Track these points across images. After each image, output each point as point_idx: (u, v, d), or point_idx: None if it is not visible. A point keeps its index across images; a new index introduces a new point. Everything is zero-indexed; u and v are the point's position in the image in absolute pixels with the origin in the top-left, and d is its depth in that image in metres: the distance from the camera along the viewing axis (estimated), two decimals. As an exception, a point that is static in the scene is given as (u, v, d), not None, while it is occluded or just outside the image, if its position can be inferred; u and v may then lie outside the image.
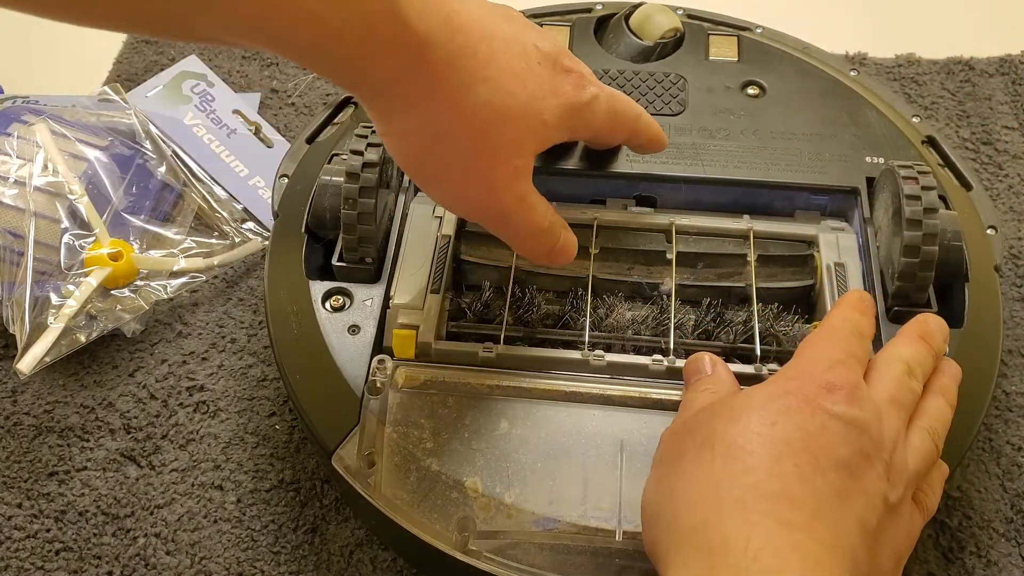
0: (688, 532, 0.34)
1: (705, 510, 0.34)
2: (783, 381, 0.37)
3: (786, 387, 0.36)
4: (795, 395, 0.35)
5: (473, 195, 0.41)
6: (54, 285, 0.55)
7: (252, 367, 0.55)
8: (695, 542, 0.33)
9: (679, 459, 0.36)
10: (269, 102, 0.69)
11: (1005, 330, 0.49)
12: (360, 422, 0.44)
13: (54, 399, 0.54)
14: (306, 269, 0.49)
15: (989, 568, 0.47)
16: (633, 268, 0.50)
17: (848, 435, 0.34)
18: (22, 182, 0.56)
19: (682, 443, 0.37)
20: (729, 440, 0.35)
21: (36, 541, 0.49)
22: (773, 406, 0.35)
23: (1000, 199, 0.62)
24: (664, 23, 0.58)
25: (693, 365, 0.43)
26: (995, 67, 0.70)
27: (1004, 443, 0.51)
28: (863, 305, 0.40)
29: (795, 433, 0.34)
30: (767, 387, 0.37)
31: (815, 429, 0.34)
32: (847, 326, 0.39)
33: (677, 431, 0.39)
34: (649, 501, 0.37)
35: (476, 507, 0.42)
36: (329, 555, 0.48)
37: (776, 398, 0.36)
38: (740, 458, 0.34)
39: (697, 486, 0.34)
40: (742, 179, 0.51)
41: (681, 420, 0.39)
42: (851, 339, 0.38)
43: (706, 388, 0.41)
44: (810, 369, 0.37)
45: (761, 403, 0.36)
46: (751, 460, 0.34)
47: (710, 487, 0.34)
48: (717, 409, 0.37)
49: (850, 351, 0.37)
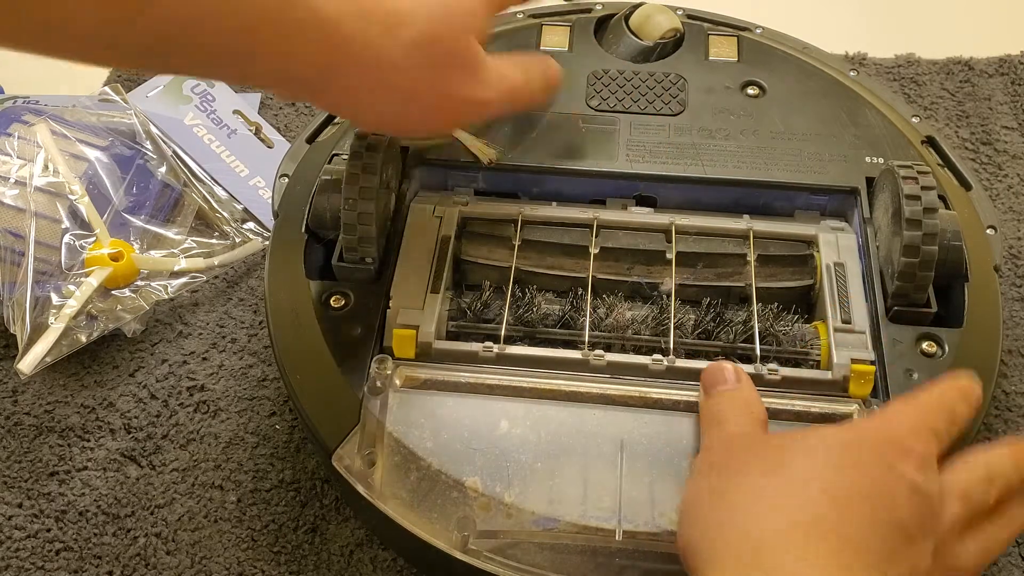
0: (738, 545, 0.34)
1: (762, 530, 0.34)
2: (860, 429, 0.37)
3: (863, 435, 0.37)
4: (871, 447, 0.36)
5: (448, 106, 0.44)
6: (55, 285, 0.55)
7: (252, 367, 0.55)
8: (745, 558, 0.34)
9: (742, 474, 0.37)
10: (269, 102, 0.69)
11: (1005, 330, 0.49)
12: (360, 422, 0.44)
13: (55, 399, 0.54)
14: (306, 269, 0.49)
15: (989, 568, 0.47)
16: (633, 268, 0.50)
17: (911, 500, 0.35)
18: (23, 182, 0.56)
19: (745, 459, 0.37)
20: (802, 472, 0.35)
21: (36, 541, 0.49)
22: (849, 452, 0.36)
23: (1000, 199, 0.62)
24: (664, 23, 0.58)
25: (716, 374, 0.43)
26: (995, 67, 0.70)
27: (1004, 443, 0.51)
28: (967, 393, 0.40)
29: (865, 483, 0.35)
30: (844, 431, 0.37)
31: (884, 485, 0.35)
32: (941, 403, 0.38)
33: (737, 446, 0.39)
34: (695, 502, 0.38)
35: (476, 507, 0.42)
36: (329, 555, 0.48)
37: (852, 445, 0.36)
38: (809, 493, 0.35)
39: (760, 505, 0.35)
40: (742, 179, 0.51)
41: (741, 435, 0.40)
42: (940, 416, 0.38)
43: (737, 409, 0.41)
44: (891, 426, 0.37)
45: (838, 445, 0.36)
46: (821, 498, 0.34)
47: (774, 511, 0.34)
48: (791, 440, 0.38)
49: (934, 427, 0.37)
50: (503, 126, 0.53)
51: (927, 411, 0.38)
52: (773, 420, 0.42)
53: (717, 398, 0.42)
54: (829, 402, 0.44)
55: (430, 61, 0.42)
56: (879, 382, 0.44)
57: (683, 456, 0.42)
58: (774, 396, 0.44)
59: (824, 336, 0.46)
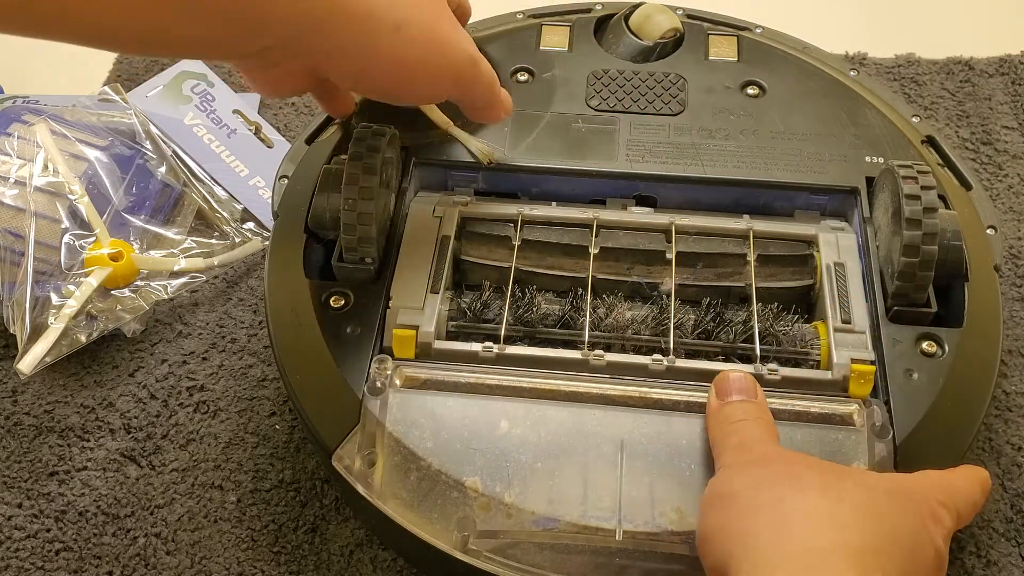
0: (793, 554, 0.35)
1: (821, 547, 0.35)
2: (901, 483, 0.39)
3: (905, 489, 0.38)
4: (913, 502, 0.37)
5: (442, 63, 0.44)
6: (55, 285, 0.55)
7: (252, 367, 0.55)
8: (783, 564, 0.34)
9: (800, 490, 0.37)
10: (269, 102, 0.69)
11: (1005, 330, 0.49)
12: (360, 422, 0.44)
13: (54, 399, 0.54)
14: (306, 269, 0.49)
15: (989, 568, 0.47)
16: (633, 268, 0.50)
17: (934, 564, 0.37)
18: (22, 182, 0.56)
19: (798, 473, 0.38)
20: (857, 502, 0.36)
21: (36, 541, 0.49)
22: (897, 499, 0.37)
23: (1000, 199, 0.62)
24: (664, 23, 0.58)
25: (736, 383, 0.43)
26: (995, 67, 0.70)
27: (1004, 443, 0.51)
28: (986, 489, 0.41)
29: (905, 533, 0.36)
30: (885, 479, 0.39)
31: (920, 540, 0.37)
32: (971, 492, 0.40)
33: (780, 456, 0.39)
34: (729, 491, 0.38)
35: (476, 507, 0.42)
36: (329, 555, 0.48)
37: (898, 494, 0.37)
38: (864, 524, 0.36)
39: (808, 515, 0.36)
40: (742, 179, 0.51)
41: (774, 448, 0.40)
42: (967, 502, 0.40)
43: (755, 417, 0.42)
44: (927, 489, 0.38)
45: (887, 489, 0.37)
46: (875, 530, 0.36)
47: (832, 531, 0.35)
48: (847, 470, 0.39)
49: (961, 509, 0.39)
50: (503, 126, 0.53)
51: (957, 492, 0.39)
52: (774, 420, 0.43)
53: (739, 406, 0.42)
54: (829, 402, 0.44)
55: (419, 7, 0.42)
56: (879, 382, 0.44)
57: (683, 456, 0.42)
58: (774, 396, 0.44)
59: (824, 336, 0.46)
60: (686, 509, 0.41)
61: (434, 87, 0.46)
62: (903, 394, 0.44)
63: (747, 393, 0.43)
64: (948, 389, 0.44)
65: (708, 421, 0.43)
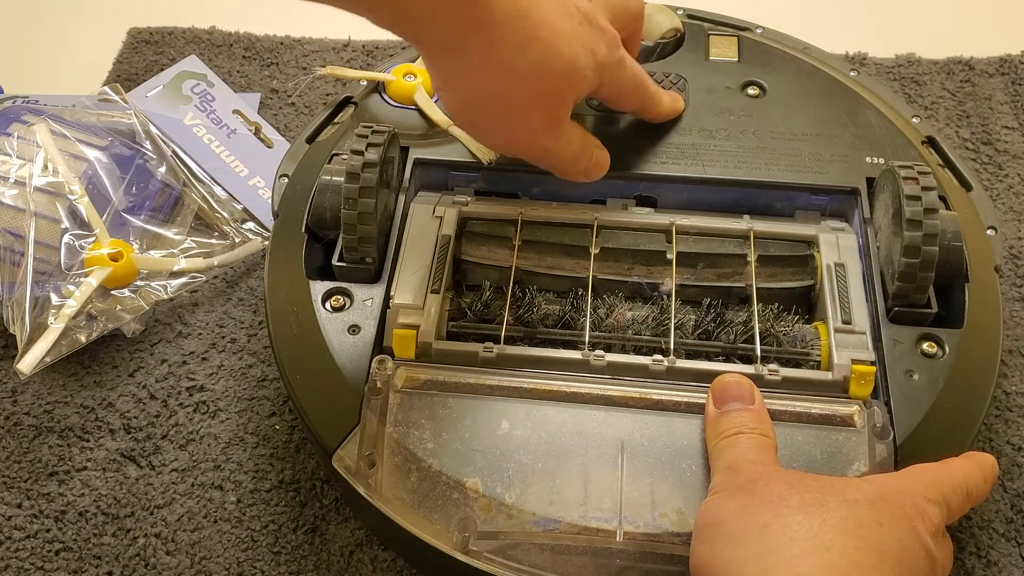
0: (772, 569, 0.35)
1: (792, 568, 0.35)
2: (885, 487, 0.38)
3: (889, 494, 0.38)
4: (898, 506, 0.37)
5: (519, 139, 0.46)
6: (54, 285, 0.55)
7: (252, 367, 0.55)
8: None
9: (782, 514, 0.37)
10: (269, 102, 0.69)
11: (1005, 330, 0.49)
12: (360, 422, 0.44)
13: (54, 399, 0.54)
14: (306, 269, 0.49)
15: (989, 568, 0.47)
16: (633, 268, 0.50)
17: (925, 564, 0.37)
18: (22, 182, 0.56)
19: (781, 494, 0.38)
20: (840, 518, 0.36)
21: (36, 541, 0.49)
22: (881, 507, 0.37)
23: (1000, 199, 0.62)
24: (664, 23, 0.58)
25: (732, 390, 0.43)
26: (995, 67, 0.70)
27: (1004, 443, 0.51)
28: (987, 473, 0.41)
29: (894, 541, 0.36)
30: (867, 485, 0.38)
31: (908, 545, 0.37)
32: (964, 480, 0.40)
33: (766, 475, 0.39)
34: (716, 520, 0.38)
35: (476, 507, 0.42)
36: (329, 555, 0.48)
37: (881, 501, 0.37)
38: (849, 541, 0.36)
39: (804, 545, 0.36)
40: (742, 179, 0.51)
41: (764, 463, 0.40)
42: (957, 492, 0.40)
43: (751, 428, 0.41)
44: (912, 487, 0.39)
45: (870, 500, 0.37)
46: (861, 546, 0.36)
47: (815, 552, 0.35)
48: (829, 484, 0.39)
49: (950, 500, 0.39)
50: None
51: (947, 482, 0.39)
52: (774, 421, 0.43)
53: (734, 416, 0.42)
54: (829, 403, 0.44)
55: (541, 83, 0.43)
56: (879, 383, 0.44)
57: (683, 457, 0.42)
58: (774, 397, 0.44)
59: (824, 337, 0.46)
60: (687, 510, 0.41)
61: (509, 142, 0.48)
62: (903, 395, 0.44)
63: (744, 400, 0.43)
64: (948, 390, 0.44)
65: (706, 431, 0.43)
